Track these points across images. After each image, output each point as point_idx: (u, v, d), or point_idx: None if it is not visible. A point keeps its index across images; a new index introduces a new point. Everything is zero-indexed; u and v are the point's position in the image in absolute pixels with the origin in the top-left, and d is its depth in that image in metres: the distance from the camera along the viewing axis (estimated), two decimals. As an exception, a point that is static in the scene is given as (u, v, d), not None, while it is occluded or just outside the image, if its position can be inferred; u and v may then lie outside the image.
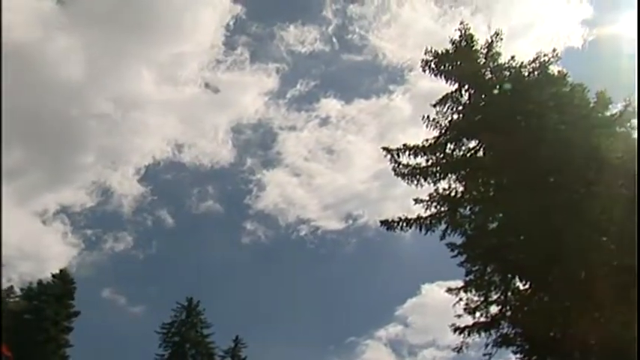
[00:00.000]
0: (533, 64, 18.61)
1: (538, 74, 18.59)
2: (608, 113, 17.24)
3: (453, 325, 15.67)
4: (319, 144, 44.84)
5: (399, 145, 18.04)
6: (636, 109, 16.32)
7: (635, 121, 16.68)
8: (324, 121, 44.28)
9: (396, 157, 17.94)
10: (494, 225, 16.42)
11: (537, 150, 16.78)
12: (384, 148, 18.16)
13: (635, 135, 16.51)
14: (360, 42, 44.63)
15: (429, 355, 35.16)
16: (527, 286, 15.47)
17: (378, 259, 42.39)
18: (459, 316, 15.67)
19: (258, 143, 46.05)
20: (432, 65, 19.54)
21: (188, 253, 41.46)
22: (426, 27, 41.02)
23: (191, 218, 41.78)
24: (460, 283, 15.96)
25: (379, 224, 16.81)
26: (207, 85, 43.39)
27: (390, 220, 16.90)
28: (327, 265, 43.36)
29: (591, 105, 17.48)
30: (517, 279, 15.61)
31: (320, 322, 38.33)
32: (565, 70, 18.39)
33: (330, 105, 44.54)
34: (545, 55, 18.51)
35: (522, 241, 15.77)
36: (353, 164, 45.88)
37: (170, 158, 40.35)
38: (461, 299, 15.76)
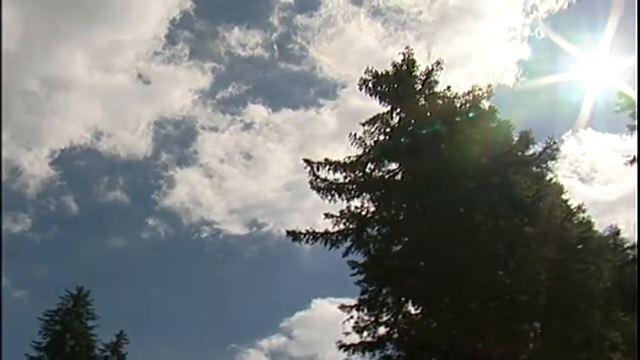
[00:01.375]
0: (467, 97, 19.29)
1: (470, 107, 19.24)
2: (528, 153, 17.83)
3: (339, 341, 15.90)
4: (238, 148, 45.82)
5: (321, 158, 18.40)
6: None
7: (551, 163, 17.28)
8: (248, 126, 45.42)
9: (315, 170, 18.37)
10: (398, 248, 16.78)
11: (453, 180, 17.29)
12: (306, 160, 18.59)
13: (549, 177, 17.07)
14: (300, 52, 46.01)
15: (308, 370, 35.70)
16: (418, 311, 15.76)
17: (275, 270, 43.32)
18: (347, 333, 15.92)
19: (177, 140, 46.85)
20: (370, 85, 20.17)
21: (86, 242, 41.71)
22: (369, 46, 42.60)
23: (95, 207, 42.28)
24: (352, 301, 16.21)
25: (285, 234, 17.16)
26: (139, 76, 44.18)
27: (297, 231, 17.24)
28: (222, 269, 44.20)
29: (514, 143, 18.10)
30: (410, 303, 15.92)
31: (206, 325, 38.98)
32: (495, 107, 19.00)
33: (257, 111, 45.75)
34: (479, 90, 19.22)
35: (422, 267, 16.18)
36: (267, 172, 46.88)
37: (87, 145, 40.78)
38: (352, 317, 16.03)
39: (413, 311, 16.02)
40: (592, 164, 32.23)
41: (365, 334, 15.83)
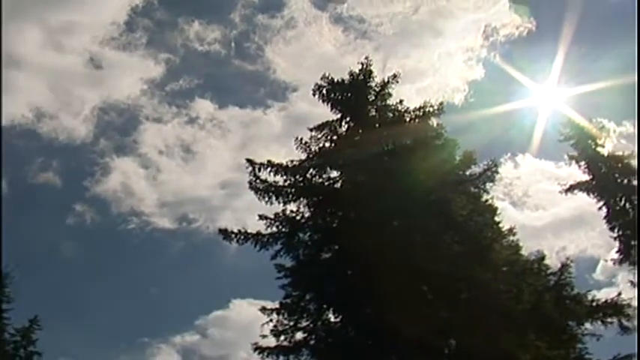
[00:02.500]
0: (417, 112, 19.76)
1: (419, 122, 19.71)
2: (468, 172, 18.28)
3: (255, 343, 16.10)
4: (179, 141, 46.17)
5: (263, 159, 18.72)
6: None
7: (489, 185, 17.75)
8: (192, 120, 45.87)
9: (256, 170, 18.67)
10: (327, 255, 17.08)
11: (392, 193, 17.68)
12: (248, 160, 18.88)
13: (485, 198, 17.51)
14: (256, 52, 46.78)
15: (218, 370, 35.93)
16: (338, 320, 16.05)
17: (197, 267, 43.74)
18: (265, 336, 16.13)
19: (118, 128, 47.08)
20: (324, 91, 20.59)
21: (11, 223, 41.65)
22: (326, 52, 43.47)
23: (24, 188, 42.29)
24: (273, 305, 16.46)
25: (213, 232, 17.41)
26: (91, 60, 44.40)
27: (229, 230, 17.50)
28: (145, 262, 44.36)
29: (456, 162, 18.56)
30: (331, 311, 16.20)
31: (121, 317, 39.09)
32: (442, 124, 19.49)
33: (204, 106, 46.27)
34: (430, 106, 19.68)
35: (348, 276, 16.47)
36: (205, 168, 47.30)
37: (27, 125, 40.72)
38: (272, 320, 16.24)
39: (333, 319, 16.21)
40: (525, 189, 33.27)
41: (282, 338, 16.04)
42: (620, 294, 16.44)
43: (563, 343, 15.32)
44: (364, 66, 21.01)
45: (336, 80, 20.95)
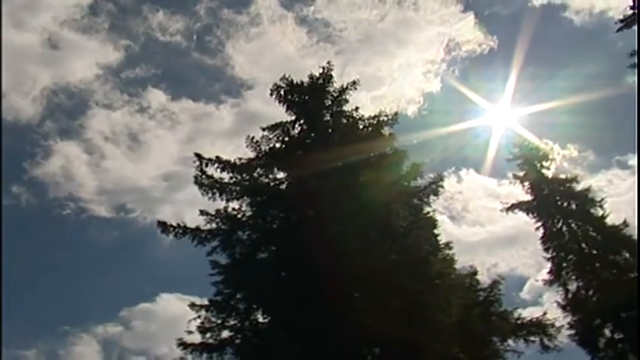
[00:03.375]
0: (371, 121, 19.98)
1: (371, 131, 19.91)
2: (414, 184, 18.50)
3: (180, 339, 16.12)
4: (127, 129, 46.02)
5: (210, 154, 18.83)
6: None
7: (432, 198, 17.96)
8: (143, 109, 45.82)
9: (204, 165, 18.73)
10: (264, 255, 17.17)
11: (336, 198, 17.82)
12: (197, 154, 18.95)
13: (426, 210, 17.73)
14: (217, 47, 47.07)
15: (137, 364, 35.73)
16: (266, 321, 16.13)
17: (129, 258, 43.49)
18: (190, 332, 16.15)
19: (66, 110, 46.80)
20: (282, 92, 20.73)
21: None
22: (287, 53, 43.90)
23: None
24: (202, 301, 16.51)
25: (149, 224, 17.47)
26: (49, 40, 44.21)
27: (168, 223, 17.53)
28: (77, 249, 44.00)
29: (403, 172, 18.77)
30: (260, 311, 16.27)
31: (45, 303, 38.79)
32: (394, 134, 19.71)
33: (157, 96, 46.28)
34: (385, 116, 19.90)
35: (282, 278, 16.57)
36: (150, 158, 47.15)
37: None
38: (199, 317, 16.27)
39: (261, 320, 16.28)
40: (465, 204, 33.82)
41: (208, 335, 16.06)
42: (545, 314, 16.78)
43: (485, 358, 15.52)
44: (325, 70, 21.21)
45: (295, 82, 21.10)
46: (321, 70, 21.38)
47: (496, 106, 21.84)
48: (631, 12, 20.92)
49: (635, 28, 21.01)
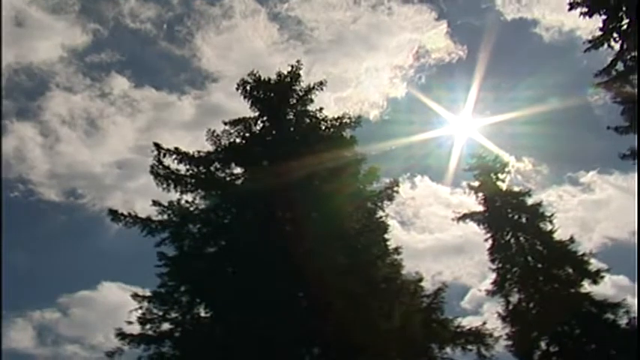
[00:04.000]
0: (334, 122, 19.87)
1: (333, 132, 19.79)
2: (370, 188, 18.42)
3: (119, 329, 15.90)
4: (85, 113, 45.40)
5: (168, 145, 18.64)
6: None
7: (386, 202, 17.91)
8: (104, 95, 45.19)
9: (161, 155, 18.52)
10: (212, 250, 17.01)
11: (291, 197, 17.70)
12: (156, 144, 18.75)
13: (379, 214, 17.66)
14: (186, 37, 46.57)
15: (70, 351, 35.27)
16: (208, 316, 15.96)
17: (75, 244, 42.83)
18: (130, 322, 15.95)
19: (25, 90, 46.07)
20: (248, 87, 20.55)
21: None
22: (256, 48, 43.61)
23: None
24: (145, 292, 16.32)
25: (99, 211, 17.20)
26: (15, 17, 43.40)
27: (119, 211, 17.31)
28: (21, 232, 43.35)
29: (360, 175, 18.68)
30: (203, 306, 16.10)
31: None
32: (356, 137, 19.62)
33: (119, 82, 45.60)
34: (348, 118, 19.80)
35: (229, 274, 16.41)
36: (106, 144, 46.56)
37: None
38: (141, 308, 16.06)
39: (203, 314, 16.11)
40: (416, 210, 33.88)
41: (148, 327, 15.86)
42: (484, 323, 16.81)
43: (422, 365, 15.52)
44: (293, 69, 21.11)
45: (262, 79, 20.93)
46: (289, 69, 21.22)
47: (459, 115, 21.87)
48: (600, 33, 21.02)
49: (603, 48, 21.12)
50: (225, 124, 20.01)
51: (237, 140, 19.73)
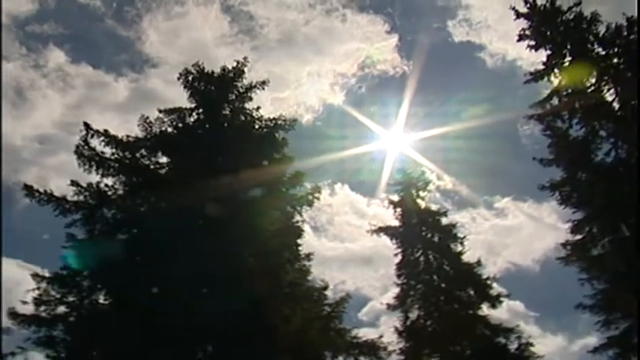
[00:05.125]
0: (268, 122, 19.45)
1: (266, 132, 19.34)
2: (292, 192, 18.05)
3: (11, 308, 15.28)
4: (16, 82, 43.89)
5: (97, 125, 18.06)
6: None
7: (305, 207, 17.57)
8: (38, 66, 43.72)
9: (89, 136, 17.89)
10: (123, 237, 16.46)
11: (211, 192, 17.21)
12: (85, 124, 18.14)
13: (297, 219, 17.34)
14: (134, 18, 45.38)
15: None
16: (106, 303, 15.43)
17: None
18: (25, 302, 15.31)
19: None
20: (190, 78, 20.00)
21: None
22: (203, 39, 42.75)
23: None
24: (43, 271, 15.72)
25: (12, 184, 16.48)
26: None
27: (34, 188, 16.65)
28: None
29: (285, 178, 18.29)
30: (103, 292, 15.56)
31: None
32: (287, 140, 19.21)
33: (56, 56, 44.12)
34: (283, 120, 19.39)
35: (136, 262, 15.87)
36: (31, 117, 45.05)
37: None
38: (39, 288, 15.43)
39: (102, 301, 15.56)
40: (331, 218, 33.68)
41: (42, 308, 15.24)
42: (381, 336, 16.67)
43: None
44: (239, 65, 20.73)
45: (206, 71, 20.40)
46: (235, 64, 20.74)
47: (392, 129, 21.70)
48: (542, 67, 21.03)
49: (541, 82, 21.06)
50: (160, 112, 19.53)
51: (169, 130, 19.19)
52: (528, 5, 21.31)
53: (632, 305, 16.25)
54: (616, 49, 20.49)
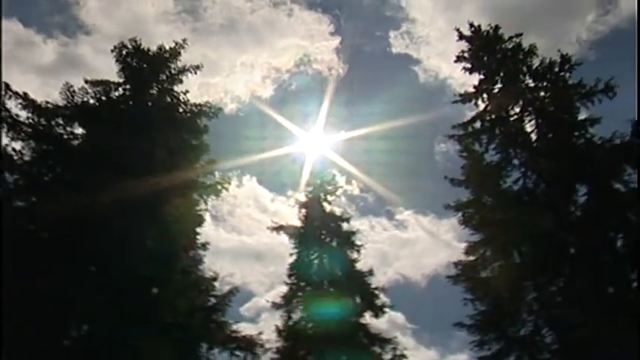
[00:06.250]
0: (193, 108, 19.04)
1: (189, 117, 18.94)
2: (202, 180, 17.75)
3: None
4: None
5: (16, 86, 17.41)
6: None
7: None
8: None
9: (7, 97, 17.31)
10: (21, 204, 16.07)
11: (120, 170, 16.82)
12: (7, 85, 17.47)
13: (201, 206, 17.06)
14: None
15: None
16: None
17: None
18: None
19: None
20: (124, 52, 19.47)
21: None
22: (144, 13, 40.91)
23: None
24: None
25: None
26: None
27: None
28: None
29: (198, 165, 17.97)
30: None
31: None
32: (208, 127, 18.87)
33: (12, 27, 42.69)
34: (209, 107, 19.01)
35: (29, 231, 15.43)
36: None
37: None
38: None
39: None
40: (232, 209, 33.29)
41: None
42: (260, 333, 16.53)
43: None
44: (177, 46, 20.24)
45: (142, 48, 19.85)
46: (173, 45, 20.23)
47: (312, 128, 21.50)
48: (472, 90, 20.93)
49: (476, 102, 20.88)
50: (86, 82, 18.96)
51: (92, 101, 18.68)
52: (473, 29, 21.11)
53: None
54: (545, 83, 20.41)
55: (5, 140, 17.07)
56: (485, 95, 20.88)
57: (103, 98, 18.95)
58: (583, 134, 18.95)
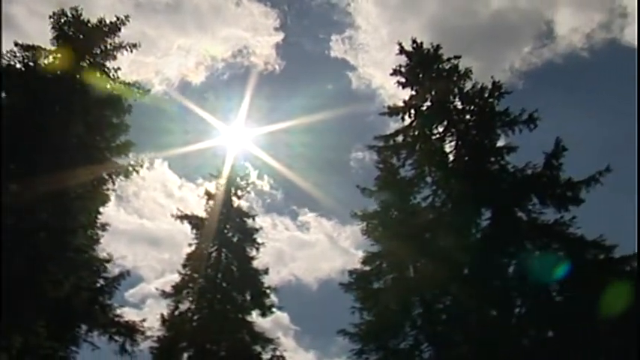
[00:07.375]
0: (120, 86, 18.77)
1: (114, 95, 18.52)
2: (115, 160, 17.46)
3: None
4: None
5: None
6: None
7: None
8: None
9: None
10: None
11: (33, 139, 16.41)
12: None
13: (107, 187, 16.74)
14: None
15: None
16: None
17: None
18: None
19: None
20: (62, 20, 19.45)
21: None
22: None
23: None
24: None
25: None
26: None
27: None
28: None
29: (114, 145, 17.64)
30: None
31: None
32: (132, 107, 18.47)
33: None
34: (137, 88, 18.61)
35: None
36: None
37: None
38: None
39: None
40: (138, 191, 32.37)
41: None
42: (144, 320, 16.33)
43: (58, 340, 14.92)
44: (118, 21, 19.59)
45: (82, 18, 19.25)
46: (114, 19, 19.66)
47: (234, 121, 21.21)
48: (401, 105, 20.70)
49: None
50: (17, 45, 18.31)
51: (18, 66, 18.08)
52: (415, 45, 20.84)
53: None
54: (472, 107, 20.26)
55: None
56: (412, 111, 20.68)
57: (31, 64, 18.37)
58: (498, 160, 18.91)
